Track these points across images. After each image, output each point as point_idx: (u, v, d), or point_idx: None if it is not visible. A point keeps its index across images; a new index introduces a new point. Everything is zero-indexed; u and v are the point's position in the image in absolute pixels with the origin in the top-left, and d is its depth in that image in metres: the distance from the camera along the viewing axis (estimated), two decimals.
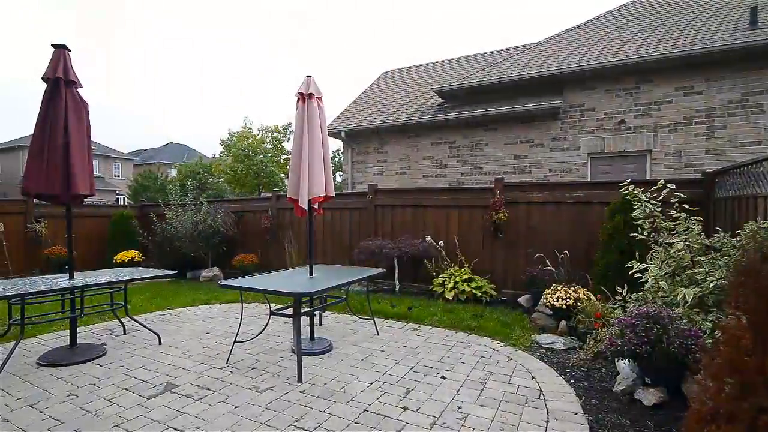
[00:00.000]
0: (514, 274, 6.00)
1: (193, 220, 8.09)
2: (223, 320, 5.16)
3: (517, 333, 4.43)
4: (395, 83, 13.09)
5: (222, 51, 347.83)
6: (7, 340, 3.99)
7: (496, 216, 5.76)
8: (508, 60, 9.85)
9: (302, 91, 4.01)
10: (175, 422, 2.66)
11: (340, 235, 7.48)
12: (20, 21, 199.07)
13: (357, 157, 10.94)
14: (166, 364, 3.66)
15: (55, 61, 3.79)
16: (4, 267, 7.61)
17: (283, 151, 22.87)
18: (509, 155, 8.95)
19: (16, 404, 2.91)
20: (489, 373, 3.46)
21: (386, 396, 3.03)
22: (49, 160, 3.70)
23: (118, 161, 40.50)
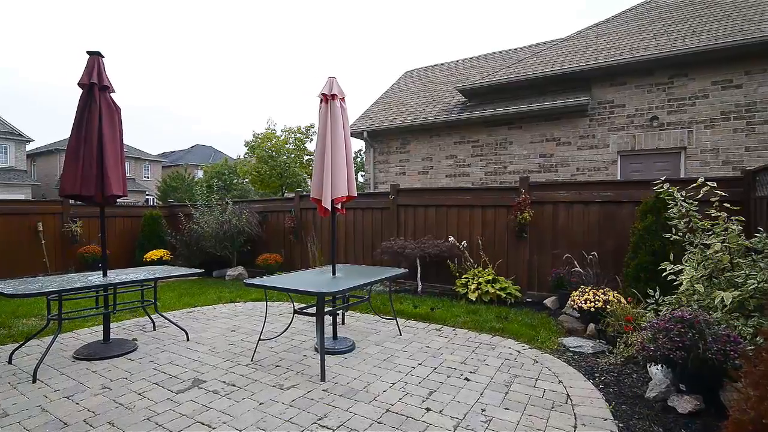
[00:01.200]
0: (539, 276, 5.87)
1: (219, 220, 8.27)
2: (248, 318, 5.26)
3: (542, 335, 4.32)
4: (417, 82, 13.04)
5: (246, 52, 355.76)
6: (46, 334, 4.18)
7: (521, 216, 5.65)
8: (533, 57, 9.65)
9: (325, 92, 4.03)
10: (202, 417, 2.72)
11: (362, 235, 7.50)
12: (53, 27, 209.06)
13: (379, 157, 10.96)
14: (194, 360, 3.76)
15: (89, 68, 3.94)
16: (43, 264, 8.00)
17: (306, 151, 23.13)
18: (534, 154, 8.77)
19: (54, 395, 3.04)
20: (514, 375, 3.39)
21: (409, 397, 3.01)
22: (84, 162, 3.85)
23: (147, 163, 41.91)
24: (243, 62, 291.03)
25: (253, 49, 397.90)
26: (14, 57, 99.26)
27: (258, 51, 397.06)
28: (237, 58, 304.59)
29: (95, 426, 2.61)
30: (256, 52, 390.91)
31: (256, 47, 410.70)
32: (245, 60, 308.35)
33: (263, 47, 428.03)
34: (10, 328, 4.75)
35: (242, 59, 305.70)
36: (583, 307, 4.32)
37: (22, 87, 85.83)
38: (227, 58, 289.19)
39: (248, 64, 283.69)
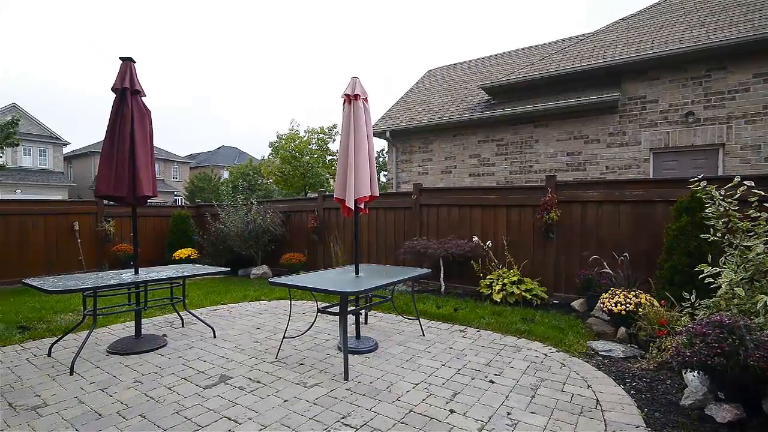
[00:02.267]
0: (567, 277, 5.72)
1: (244, 219, 8.44)
2: (272, 316, 5.33)
3: (570, 338, 4.21)
4: (440, 81, 12.94)
5: (269, 54, 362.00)
6: (81, 329, 4.36)
7: (547, 216, 5.51)
8: (559, 53, 9.42)
9: (348, 92, 4.05)
10: (228, 412, 2.77)
11: (384, 234, 7.50)
12: (84, 33, 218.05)
13: (402, 156, 10.93)
14: (220, 357, 3.84)
15: (122, 73, 4.08)
16: (79, 262, 8.35)
17: (329, 152, 23.33)
18: (561, 152, 8.55)
19: (89, 388, 3.16)
20: (540, 379, 3.31)
21: (432, 398, 2.98)
22: (117, 164, 3.99)
23: (176, 164, 43.18)
24: (266, 64, 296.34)
25: (277, 50, 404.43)
26: (50, 68, 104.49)
27: (281, 52, 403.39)
28: (261, 59, 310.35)
29: (128, 418, 2.70)
30: (280, 53, 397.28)
31: (279, 48, 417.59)
32: (269, 61, 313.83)
33: (287, 48, 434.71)
34: (49, 322, 4.98)
35: (266, 61, 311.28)
36: (614, 309, 4.18)
37: (60, 95, 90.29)
38: (251, 60, 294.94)
39: (272, 66, 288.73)
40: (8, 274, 7.46)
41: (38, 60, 79.89)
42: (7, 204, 8.02)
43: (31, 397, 3.00)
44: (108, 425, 2.61)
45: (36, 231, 7.92)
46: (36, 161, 31.98)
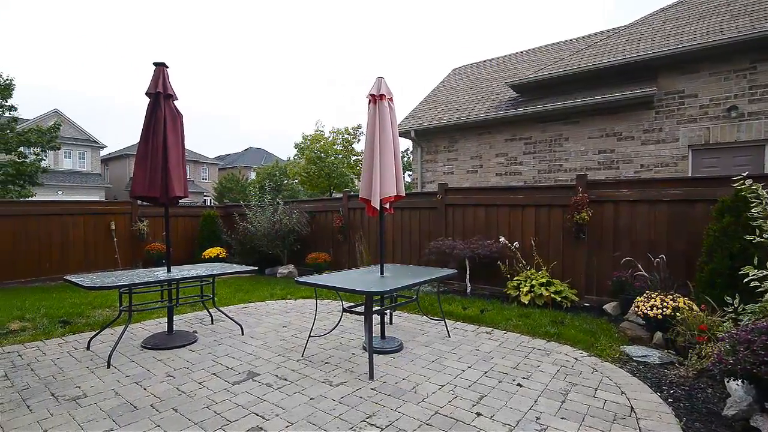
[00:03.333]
0: (598, 279, 5.53)
1: (270, 219, 8.59)
2: (298, 315, 5.40)
3: (602, 343, 4.06)
4: (466, 79, 12.79)
5: (295, 55, 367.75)
6: (118, 324, 4.54)
7: (578, 216, 5.35)
8: (591, 47, 9.13)
9: (373, 92, 4.05)
10: (256, 408, 2.82)
11: (409, 234, 7.47)
12: (116, 42, 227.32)
13: (427, 156, 10.87)
14: (248, 354, 3.91)
15: (155, 78, 4.21)
16: (115, 260, 8.71)
17: (353, 152, 23.46)
18: (593, 150, 8.28)
19: (125, 381, 3.28)
20: (571, 384, 3.21)
21: (458, 400, 2.94)
22: (151, 166, 4.13)
23: (205, 166, 44.45)
24: (293, 66, 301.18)
25: (303, 51, 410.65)
26: (80, 79, 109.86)
27: (307, 53, 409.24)
28: (287, 62, 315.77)
29: (161, 411, 2.78)
30: (305, 54, 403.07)
31: (305, 50, 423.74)
32: (295, 63, 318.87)
33: (313, 50, 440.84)
34: (88, 317, 5.21)
35: (292, 63, 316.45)
36: (649, 314, 4.01)
37: (98, 102, 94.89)
38: (278, 62, 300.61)
39: (298, 67, 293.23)
40: (51, 271, 7.87)
41: (64, 72, 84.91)
42: (50, 204, 8.45)
43: (72, 389, 3.14)
44: (142, 417, 2.70)
45: (76, 230, 8.31)
46: (75, 164, 33.59)
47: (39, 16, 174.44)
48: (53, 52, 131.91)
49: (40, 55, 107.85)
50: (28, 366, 3.59)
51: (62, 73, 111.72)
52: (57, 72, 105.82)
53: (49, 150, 14.81)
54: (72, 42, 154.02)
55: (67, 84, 74.31)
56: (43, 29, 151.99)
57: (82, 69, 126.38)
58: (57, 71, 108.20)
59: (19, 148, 13.89)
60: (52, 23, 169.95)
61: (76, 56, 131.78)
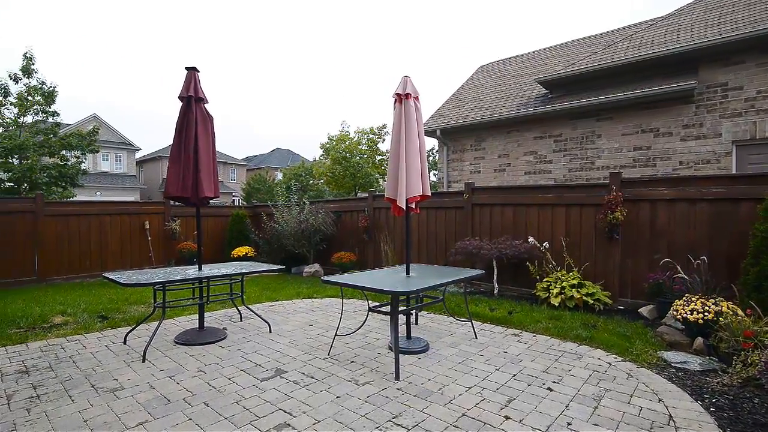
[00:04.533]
0: (633, 281, 5.32)
1: (297, 219, 8.71)
2: (324, 314, 5.44)
3: (638, 347, 3.90)
4: (493, 77, 12.58)
5: (320, 57, 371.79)
6: (152, 320, 4.70)
7: (611, 216, 5.16)
8: (625, 40, 8.79)
9: (399, 91, 4.02)
10: (284, 405, 2.86)
11: (435, 234, 7.40)
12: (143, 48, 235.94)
13: (453, 155, 10.75)
14: (276, 351, 3.97)
15: (187, 82, 4.34)
16: (149, 258, 9.05)
17: (378, 152, 23.49)
18: (627, 147, 7.97)
19: (159, 374, 3.39)
20: (604, 389, 3.09)
21: (486, 402, 2.88)
22: (183, 167, 4.25)
23: (233, 167, 45.56)
24: (317, 66, 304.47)
25: (327, 52, 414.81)
26: (101, 91, 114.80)
27: (332, 54, 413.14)
28: (312, 63, 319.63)
29: (192, 405, 2.86)
30: (330, 55, 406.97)
31: (330, 51, 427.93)
32: (320, 64, 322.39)
33: (337, 50, 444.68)
34: (124, 313, 5.43)
35: (317, 64, 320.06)
36: (689, 318, 3.82)
37: (132, 108, 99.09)
38: (303, 63, 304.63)
39: (322, 68, 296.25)
40: (91, 268, 8.26)
41: (91, 85, 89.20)
42: (89, 205, 8.86)
43: (110, 381, 3.27)
44: (175, 410, 2.78)
45: (113, 229, 8.69)
46: (113, 166, 35.10)
47: (76, 32, 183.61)
48: (82, 58, 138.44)
49: (76, 63, 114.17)
50: (70, 358, 3.77)
51: (92, 78, 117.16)
52: (85, 76, 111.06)
53: (88, 153, 15.51)
54: (101, 51, 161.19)
55: (86, 100, 78.68)
56: (78, 42, 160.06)
57: (112, 74, 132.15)
58: (85, 75, 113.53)
59: (61, 152, 14.63)
60: (86, 36, 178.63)
61: (104, 63, 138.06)
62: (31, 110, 14.16)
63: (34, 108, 14.18)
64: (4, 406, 2.84)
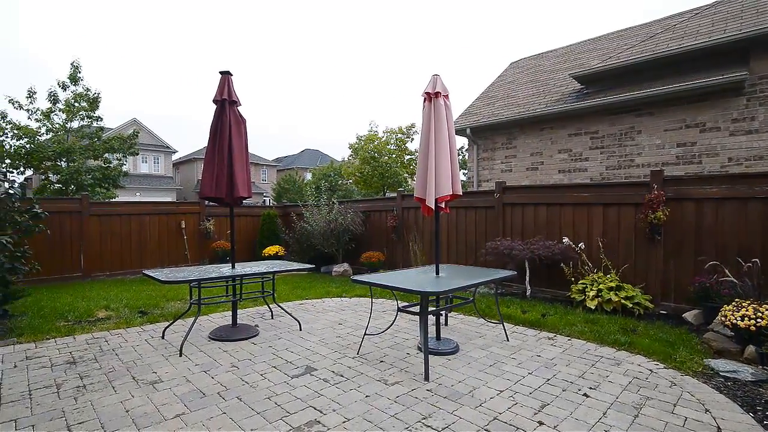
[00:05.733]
0: (677, 285, 5.05)
1: (326, 219, 8.79)
2: (353, 313, 5.46)
3: (682, 354, 3.69)
4: (525, 73, 12.28)
5: (347, 57, 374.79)
6: (188, 316, 4.86)
7: (653, 215, 4.91)
8: (668, 30, 8.36)
9: (429, 90, 3.98)
10: (314, 402, 2.88)
11: (465, 234, 7.30)
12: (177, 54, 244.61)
13: (483, 154, 10.57)
14: (306, 349, 4.01)
15: (221, 86, 4.46)
16: (185, 256, 9.38)
17: (407, 151, 23.42)
18: (670, 143, 7.57)
19: (195, 369, 3.50)
20: (645, 397, 2.94)
21: (518, 407, 2.80)
22: (217, 168, 4.38)
23: (264, 167, 46.61)
24: (346, 68, 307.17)
25: (357, 53, 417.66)
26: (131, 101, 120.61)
27: (361, 55, 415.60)
28: (341, 64, 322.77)
29: (226, 399, 2.93)
30: (360, 56, 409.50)
31: (359, 51, 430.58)
32: (349, 65, 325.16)
33: (366, 51, 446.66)
34: (162, 308, 5.65)
35: (346, 65, 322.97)
36: (740, 324, 3.58)
37: (167, 112, 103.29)
38: (333, 65, 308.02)
39: (351, 69, 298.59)
40: (132, 265, 8.65)
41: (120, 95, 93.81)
42: (130, 205, 9.28)
43: (150, 374, 3.40)
44: (210, 404, 2.86)
45: (152, 228, 9.07)
46: (151, 168, 36.68)
47: (116, 43, 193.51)
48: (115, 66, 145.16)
49: (116, 72, 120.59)
50: (113, 351, 3.95)
51: (130, 84, 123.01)
52: (123, 83, 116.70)
53: (129, 155, 16.25)
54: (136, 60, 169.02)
55: (117, 109, 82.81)
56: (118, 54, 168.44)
57: (149, 80, 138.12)
58: (123, 82, 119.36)
59: (104, 155, 15.41)
60: (125, 47, 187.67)
61: (141, 70, 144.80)
62: (77, 116, 14.99)
63: (80, 114, 15.00)
64: (54, 394, 3.01)
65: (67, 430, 2.53)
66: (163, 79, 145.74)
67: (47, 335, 4.38)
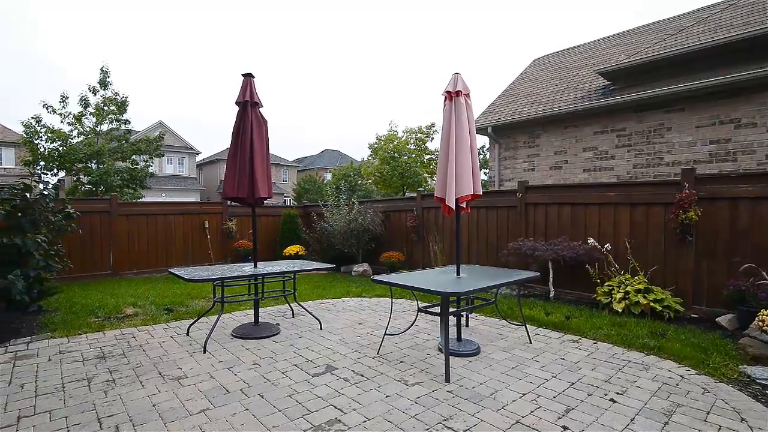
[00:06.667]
0: (709, 288, 4.85)
1: (346, 219, 8.83)
2: (373, 313, 5.46)
3: (715, 360, 3.54)
4: (548, 70, 12.04)
5: (366, 57, 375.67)
6: (212, 314, 4.96)
7: (683, 215, 4.73)
8: (699, 23, 8.05)
9: (449, 89, 3.94)
10: (335, 401, 2.89)
11: (486, 234, 7.20)
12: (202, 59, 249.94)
13: (505, 152, 10.42)
14: (326, 348, 4.03)
15: (244, 88, 4.52)
16: (208, 255, 9.58)
17: (427, 151, 23.33)
18: (702, 140, 7.27)
19: (218, 365, 3.57)
20: (675, 404, 2.83)
21: (542, 411, 2.74)
22: (239, 169, 4.44)
23: (285, 168, 47.22)
24: (366, 68, 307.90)
25: (376, 53, 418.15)
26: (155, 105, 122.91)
27: (380, 55, 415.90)
28: (360, 64, 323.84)
29: (249, 396, 2.97)
30: (379, 56, 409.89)
31: (379, 51, 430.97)
32: (368, 65, 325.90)
33: (386, 50, 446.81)
34: (187, 306, 5.78)
35: (365, 65, 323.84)
36: None
37: (192, 114, 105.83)
38: (352, 65, 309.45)
39: (370, 69, 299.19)
40: (158, 264, 8.89)
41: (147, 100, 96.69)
42: (156, 205, 9.55)
43: (175, 369, 3.48)
44: (233, 400, 2.90)
45: (177, 228, 9.31)
46: (176, 169, 37.67)
47: (140, 49, 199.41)
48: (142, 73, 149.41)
49: (140, 77, 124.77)
50: (140, 347, 4.07)
51: (155, 88, 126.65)
52: (147, 88, 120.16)
53: (155, 157, 16.73)
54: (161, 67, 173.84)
55: (143, 114, 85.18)
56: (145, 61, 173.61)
57: (173, 82, 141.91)
58: (148, 87, 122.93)
59: (132, 156, 15.91)
60: (148, 52, 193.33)
61: (165, 73, 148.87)
62: (106, 119, 15.52)
63: (109, 117, 15.53)
64: (85, 387, 3.12)
65: (98, 422, 2.62)
66: (186, 81, 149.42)
67: (79, 330, 4.55)
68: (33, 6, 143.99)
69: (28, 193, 4.58)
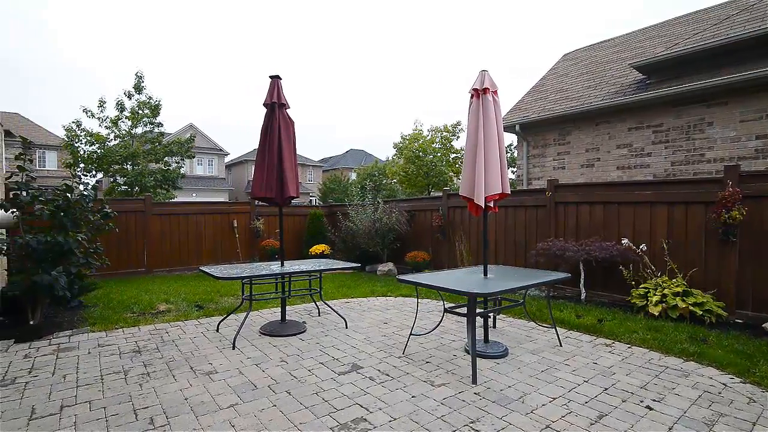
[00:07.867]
0: (755, 292, 4.58)
1: (371, 218, 8.84)
2: (398, 312, 5.44)
3: (763, 369, 3.33)
4: (579, 65, 11.68)
5: (391, 57, 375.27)
6: (240, 311, 5.08)
7: (726, 215, 4.48)
8: (745, 11, 7.60)
9: (476, 86, 3.87)
10: (360, 400, 2.89)
11: (513, 234, 7.06)
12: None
13: (533, 151, 10.18)
14: (352, 347, 4.05)
15: (271, 89, 4.60)
16: (236, 254, 9.80)
17: (452, 150, 23.09)
18: (748, 135, 6.87)
19: (247, 362, 3.64)
20: (717, 413, 2.68)
21: (573, 416, 2.65)
22: (267, 169, 4.52)
23: (310, 168, 47.85)
24: (391, 67, 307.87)
25: (401, 53, 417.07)
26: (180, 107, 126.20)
27: (405, 54, 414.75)
28: (385, 64, 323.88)
29: (276, 392, 3.01)
30: (403, 55, 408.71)
31: (403, 51, 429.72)
32: (393, 65, 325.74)
33: (410, 50, 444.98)
34: (217, 303, 5.93)
35: (390, 65, 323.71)
36: None
37: (220, 114, 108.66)
38: (377, 65, 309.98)
39: (395, 69, 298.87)
40: (189, 262, 9.17)
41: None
42: (187, 205, 9.84)
43: (206, 364, 3.57)
44: (261, 396, 2.95)
45: (207, 227, 9.57)
46: (206, 169, 38.82)
47: (172, 54, 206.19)
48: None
49: (170, 81, 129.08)
50: (173, 342, 4.20)
51: (186, 91, 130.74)
52: (178, 91, 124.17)
53: (186, 158, 17.28)
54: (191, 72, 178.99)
55: (193, 101, 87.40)
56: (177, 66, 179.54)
57: (202, 85, 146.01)
58: (178, 90, 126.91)
59: (164, 158, 16.50)
60: (180, 56, 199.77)
61: (194, 77, 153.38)
62: (141, 122, 16.15)
63: (143, 120, 16.15)
64: (122, 380, 3.24)
65: (134, 413, 2.71)
66: (215, 83, 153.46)
67: (116, 325, 4.74)
68: (76, 19, 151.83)
69: (69, 193, 4.81)
